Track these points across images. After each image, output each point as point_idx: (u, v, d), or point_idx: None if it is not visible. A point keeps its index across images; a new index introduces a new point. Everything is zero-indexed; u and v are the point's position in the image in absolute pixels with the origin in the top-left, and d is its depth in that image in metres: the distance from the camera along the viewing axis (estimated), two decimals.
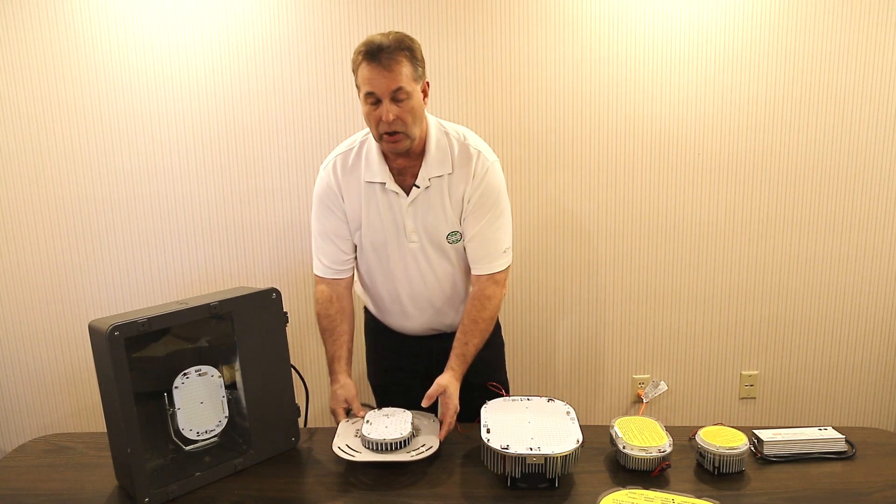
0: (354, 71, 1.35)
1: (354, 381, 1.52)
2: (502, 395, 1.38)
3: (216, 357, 1.27)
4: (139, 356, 1.19)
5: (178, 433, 1.22)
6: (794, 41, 2.15)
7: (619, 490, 1.10)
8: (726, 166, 2.24)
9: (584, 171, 2.24)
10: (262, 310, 1.27)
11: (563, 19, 2.12)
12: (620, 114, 2.19)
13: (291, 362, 1.34)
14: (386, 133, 1.35)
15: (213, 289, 2.25)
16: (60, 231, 2.23)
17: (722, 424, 1.29)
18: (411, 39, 1.34)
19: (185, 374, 1.21)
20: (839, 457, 1.26)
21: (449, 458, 1.28)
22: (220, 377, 1.25)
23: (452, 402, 1.35)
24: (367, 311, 1.72)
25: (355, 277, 1.63)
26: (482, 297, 1.48)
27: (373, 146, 1.46)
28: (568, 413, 1.27)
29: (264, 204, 2.24)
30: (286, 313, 1.31)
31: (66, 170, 2.18)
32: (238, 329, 1.24)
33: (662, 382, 2.42)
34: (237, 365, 1.25)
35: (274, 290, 1.29)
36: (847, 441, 1.29)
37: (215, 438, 1.26)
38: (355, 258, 1.58)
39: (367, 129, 1.49)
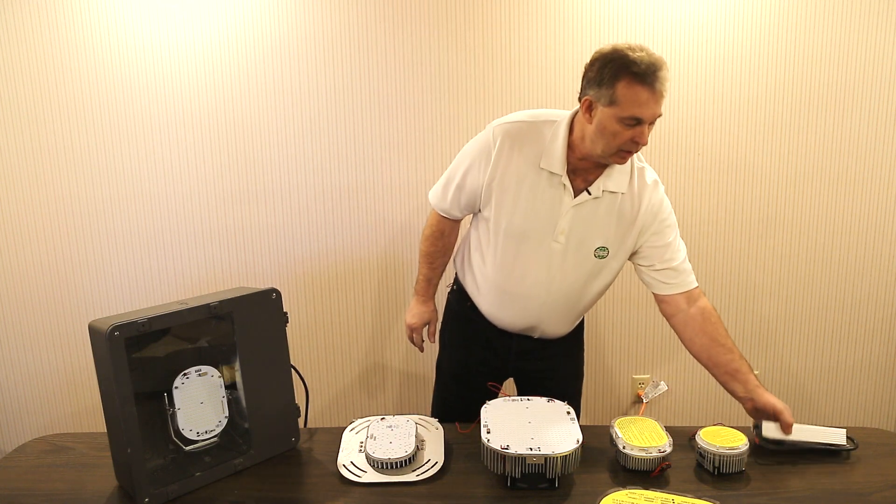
0: (607, 83, 1.27)
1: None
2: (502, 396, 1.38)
3: (216, 357, 1.27)
4: (139, 356, 1.19)
5: (178, 433, 1.21)
6: (794, 41, 2.15)
7: (619, 490, 1.11)
8: (726, 166, 2.24)
9: None
10: (262, 310, 1.27)
11: (563, 19, 2.12)
12: None
13: (291, 362, 1.34)
14: (627, 151, 1.33)
15: (213, 289, 2.25)
16: (60, 231, 2.23)
17: (722, 424, 1.29)
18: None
19: (185, 375, 1.21)
20: (839, 449, 1.26)
21: (449, 458, 1.28)
22: (220, 377, 1.25)
23: (782, 406, 1.31)
24: (456, 293, 1.67)
25: (468, 257, 1.60)
26: (709, 310, 1.46)
27: (559, 135, 1.39)
28: (568, 413, 1.27)
29: (264, 204, 2.24)
30: (286, 313, 1.31)
31: (67, 170, 2.18)
32: (238, 329, 1.24)
33: (662, 382, 2.43)
34: (237, 365, 1.25)
35: (274, 290, 1.29)
36: (849, 437, 1.28)
37: (215, 438, 1.26)
38: (476, 214, 1.56)
39: (545, 113, 1.45)
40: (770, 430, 1.28)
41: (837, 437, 1.27)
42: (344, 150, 2.21)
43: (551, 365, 1.63)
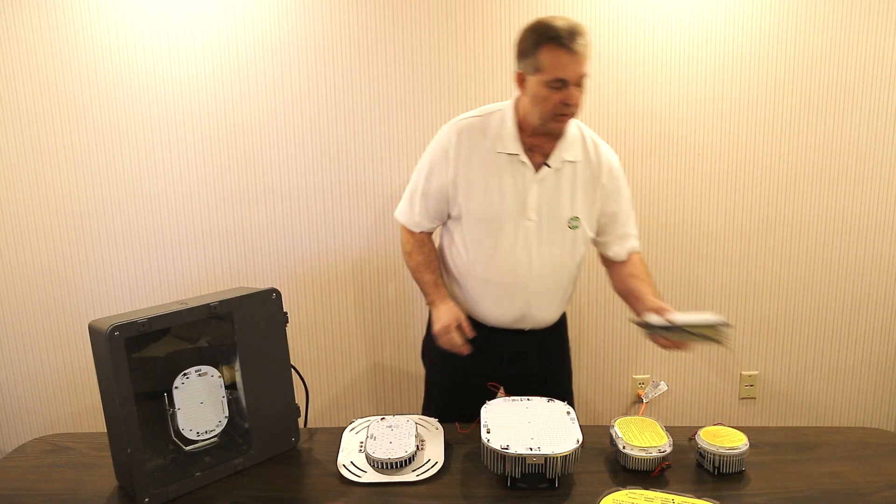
0: (530, 52, 1.36)
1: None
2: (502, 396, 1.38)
3: (216, 357, 1.27)
4: (139, 356, 1.19)
5: (178, 433, 1.22)
6: (794, 41, 2.15)
7: (619, 490, 1.11)
8: (726, 166, 2.24)
9: None
10: (262, 310, 1.27)
11: None
12: (619, 113, 2.19)
13: (291, 362, 1.34)
14: (561, 114, 1.40)
15: (213, 289, 2.25)
16: (60, 231, 2.23)
17: (722, 424, 1.29)
18: None
19: (185, 375, 1.21)
20: (717, 329, 1.27)
21: (449, 458, 1.28)
22: (220, 377, 1.25)
23: (672, 313, 1.39)
24: None
25: (445, 266, 1.63)
26: (636, 257, 1.59)
27: (507, 119, 1.48)
28: (568, 413, 1.27)
29: (264, 204, 2.24)
30: (286, 313, 1.31)
31: (67, 170, 2.18)
32: (238, 329, 1.24)
33: (662, 382, 2.43)
34: (237, 365, 1.25)
35: (274, 290, 1.29)
36: (724, 321, 1.29)
37: (215, 438, 1.26)
38: (446, 223, 1.60)
39: (491, 106, 1.53)
40: (651, 318, 1.36)
41: (712, 317, 1.29)
42: (344, 150, 2.21)
43: (543, 365, 1.63)
